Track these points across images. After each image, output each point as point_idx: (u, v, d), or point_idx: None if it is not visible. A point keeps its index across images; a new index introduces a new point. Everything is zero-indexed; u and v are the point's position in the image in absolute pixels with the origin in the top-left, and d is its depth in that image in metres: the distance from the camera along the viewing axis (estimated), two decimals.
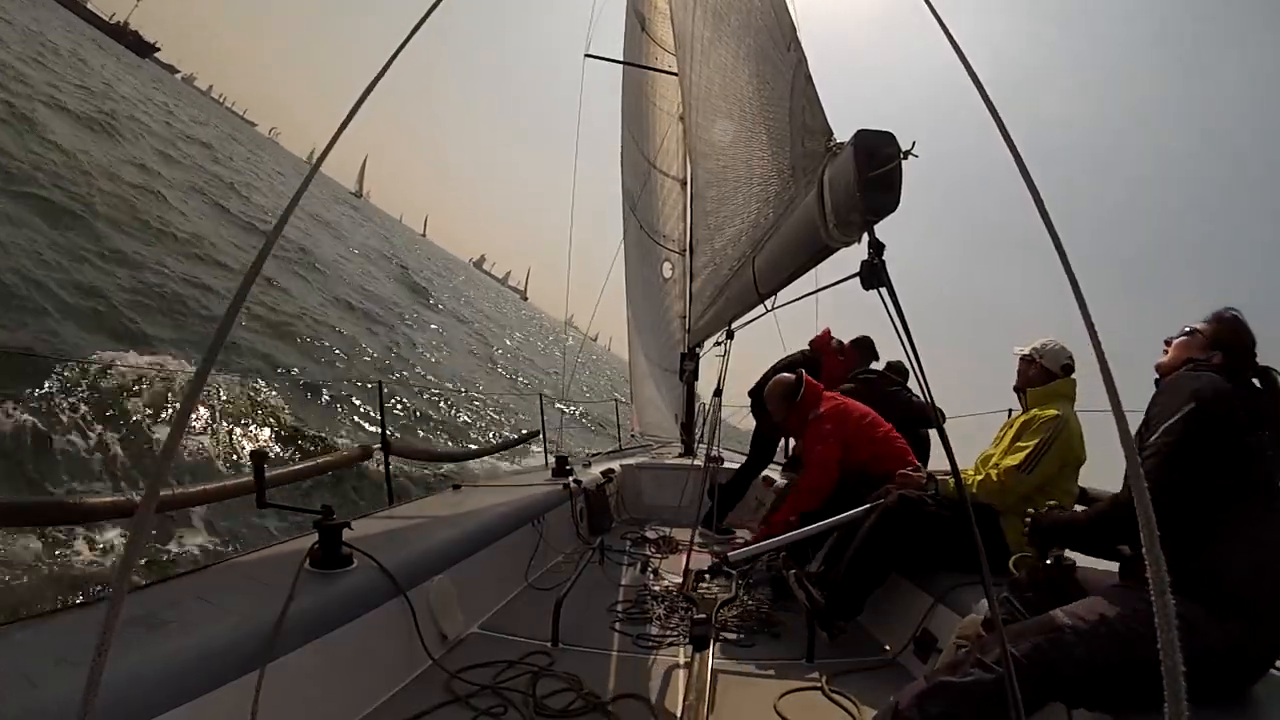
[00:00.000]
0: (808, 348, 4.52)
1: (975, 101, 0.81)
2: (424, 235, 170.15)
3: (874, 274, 1.31)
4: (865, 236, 1.43)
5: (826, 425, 3.26)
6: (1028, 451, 2.34)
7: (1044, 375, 2.47)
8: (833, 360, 4.32)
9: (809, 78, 1.89)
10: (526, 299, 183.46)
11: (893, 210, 1.40)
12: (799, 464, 4.67)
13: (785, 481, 4.37)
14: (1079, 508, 2.42)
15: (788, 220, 2.03)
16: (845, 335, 4.56)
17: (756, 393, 4.59)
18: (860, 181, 1.38)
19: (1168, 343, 1.73)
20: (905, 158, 1.35)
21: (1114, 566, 1.73)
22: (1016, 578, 1.86)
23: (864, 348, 4.36)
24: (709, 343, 4.69)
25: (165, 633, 1.32)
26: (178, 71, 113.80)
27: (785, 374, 3.67)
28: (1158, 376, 1.69)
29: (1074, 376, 2.48)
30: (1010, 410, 2.99)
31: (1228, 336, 1.61)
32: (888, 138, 1.40)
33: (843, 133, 1.63)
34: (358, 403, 10.05)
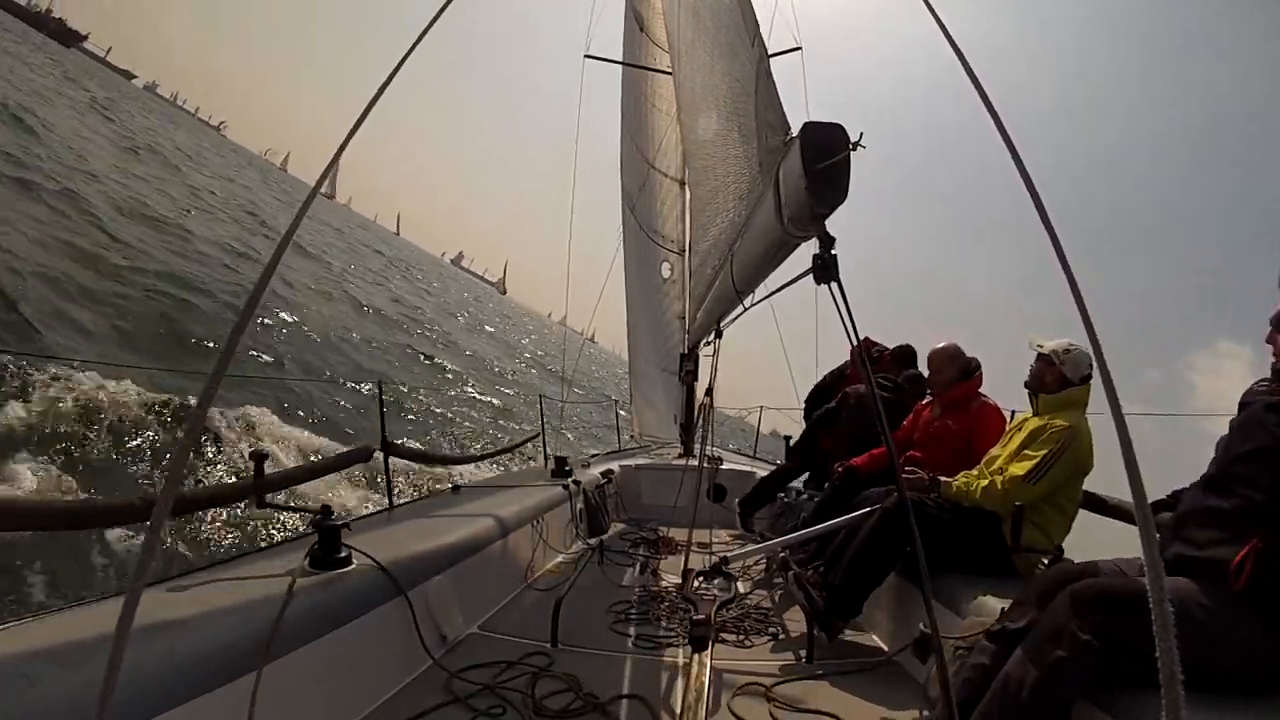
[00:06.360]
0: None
1: (968, 94, 0.81)
2: (398, 234, 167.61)
3: (824, 269, 1.28)
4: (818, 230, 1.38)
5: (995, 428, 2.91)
6: (1035, 461, 2.28)
7: (1061, 382, 2.38)
8: (857, 370, 4.12)
9: (769, 72, 1.85)
10: (505, 293, 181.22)
11: (839, 203, 1.36)
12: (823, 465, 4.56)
13: (801, 486, 4.30)
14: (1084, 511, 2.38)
15: (755, 217, 2.00)
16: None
17: (812, 397, 4.54)
18: (807, 176, 1.36)
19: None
20: (854, 149, 1.32)
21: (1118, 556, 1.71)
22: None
23: (903, 357, 4.06)
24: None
25: (163, 633, 1.31)
26: (134, 77, 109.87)
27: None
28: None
29: (1089, 384, 2.36)
30: (1014, 411, 2.90)
31: None
32: (835, 130, 1.37)
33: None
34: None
